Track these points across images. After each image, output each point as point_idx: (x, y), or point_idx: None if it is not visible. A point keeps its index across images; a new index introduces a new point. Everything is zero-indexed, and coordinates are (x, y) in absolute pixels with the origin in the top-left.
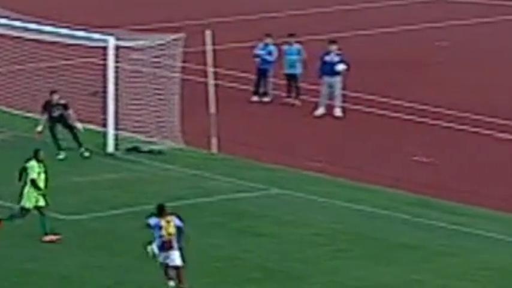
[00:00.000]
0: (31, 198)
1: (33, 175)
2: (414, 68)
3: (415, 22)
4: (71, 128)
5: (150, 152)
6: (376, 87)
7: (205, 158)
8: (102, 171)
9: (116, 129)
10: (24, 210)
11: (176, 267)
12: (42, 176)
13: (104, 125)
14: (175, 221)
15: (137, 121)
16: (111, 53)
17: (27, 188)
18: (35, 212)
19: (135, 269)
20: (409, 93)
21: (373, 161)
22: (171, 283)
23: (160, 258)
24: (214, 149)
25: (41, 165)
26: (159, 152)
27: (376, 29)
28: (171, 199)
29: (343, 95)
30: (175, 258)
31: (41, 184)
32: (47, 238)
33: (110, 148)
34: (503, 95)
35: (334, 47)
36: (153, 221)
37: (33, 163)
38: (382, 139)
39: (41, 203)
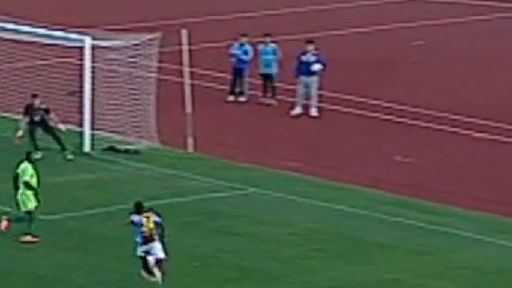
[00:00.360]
0: (31, 199)
1: (25, 177)
2: (390, 68)
3: (389, 22)
4: (53, 132)
5: (127, 151)
6: (353, 87)
7: (182, 157)
8: (79, 171)
9: (92, 129)
10: (28, 213)
11: (159, 260)
12: (35, 177)
13: (81, 125)
14: (153, 217)
15: (113, 121)
16: (87, 53)
17: (22, 191)
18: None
19: (111, 268)
20: (386, 93)
21: (351, 161)
22: (151, 278)
23: (142, 252)
24: (190, 149)
25: (34, 166)
26: (135, 152)
27: (351, 29)
28: (147, 199)
29: (320, 95)
30: (157, 251)
31: (34, 185)
32: (26, 238)
33: (87, 148)
34: (480, 94)
35: (310, 47)
36: (135, 218)
37: (26, 165)
38: (360, 139)
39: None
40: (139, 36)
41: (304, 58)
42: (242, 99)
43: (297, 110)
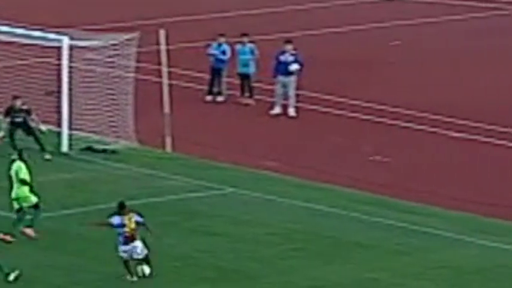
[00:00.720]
0: (29, 194)
1: (22, 175)
2: (367, 68)
3: (366, 22)
4: (34, 133)
5: (104, 151)
6: (331, 87)
7: (159, 157)
8: (57, 171)
9: (70, 129)
10: (20, 210)
11: (143, 259)
12: (28, 176)
13: (59, 125)
14: (135, 217)
15: (91, 121)
16: (65, 52)
17: (18, 189)
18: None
19: (88, 268)
20: (364, 93)
21: (330, 161)
22: (133, 278)
23: (124, 254)
24: (168, 149)
25: (26, 165)
26: (113, 152)
27: (328, 28)
28: (125, 199)
29: (298, 95)
30: (139, 251)
31: (30, 182)
32: (27, 230)
33: (64, 148)
34: (458, 94)
35: (289, 47)
36: (115, 220)
37: (19, 164)
38: (338, 139)
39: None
40: (117, 36)
41: (282, 58)
42: (220, 99)
43: (276, 110)
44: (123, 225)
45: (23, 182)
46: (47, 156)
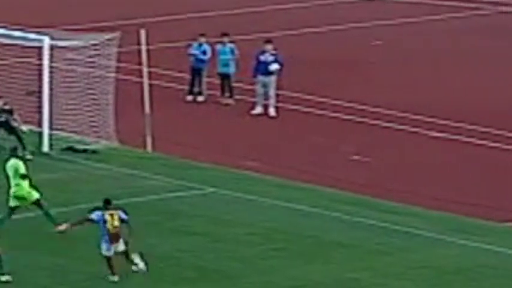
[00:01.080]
0: (31, 192)
1: (22, 170)
2: (348, 68)
3: (345, 22)
4: (16, 133)
5: (85, 151)
6: (312, 87)
7: (140, 157)
8: (38, 171)
9: (51, 128)
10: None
11: (123, 252)
12: (26, 170)
13: (39, 125)
14: (120, 214)
15: (72, 121)
16: (46, 52)
17: (19, 185)
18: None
19: (72, 268)
20: (345, 93)
21: (311, 161)
22: (115, 278)
23: (108, 252)
24: (149, 149)
25: (24, 161)
26: (94, 152)
27: (308, 28)
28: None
29: (278, 95)
30: (120, 245)
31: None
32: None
33: (45, 148)
34: (438, 94)
35: (269, 47)
36: (95, 215)
37: (16, 161)
38: (319, 139)
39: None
40: (97, 36)
41: (262, 58)
42: (200, 99)
43: (258, 110)
44: (104, 221)
45: (23, 176)
46: (28, 156)
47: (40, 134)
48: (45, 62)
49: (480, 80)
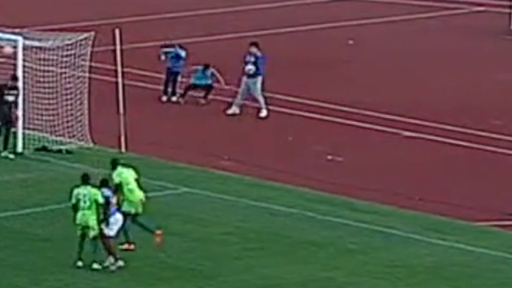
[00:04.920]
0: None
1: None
2: (322, 68)
3: (321, 22)
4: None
5: (59, 151)
6: (286, 87)
7: (114, 157)
8: (12, 171)
9: (25, 128)
10: None
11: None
12: None
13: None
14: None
15: (46, 120)
16: (20, 53)
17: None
18: None
19: (50, 268)
20: (319, 93)
21: (284, 160)
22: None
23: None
24: (123, 149)
25: None
26: (68, 152)
27: (282, 28)
28: None
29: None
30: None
31: None
32: None
33: (19, 148)
34: (413, 94)
35: (253, 49)
36: (108, 191)
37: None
38: (292, 138)
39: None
40: (72, 36)
41: (246, 59)
42: (174, 98)
43: (232, 110)
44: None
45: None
46: (10, 156)
47: (14, 134)
48: (20, 62)
49: (456, 80)
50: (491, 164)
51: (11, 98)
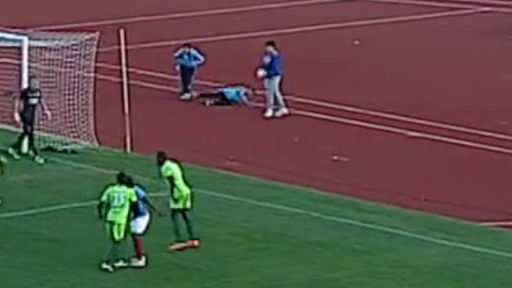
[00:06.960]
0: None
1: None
2: (327, 68)
3: (326, 22)
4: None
5: (65, 151)
6: (291, 87)
7: (120, 157)
8: (17, 171)
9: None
10: None
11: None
12: None
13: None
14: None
15: (51, 121)
16: (25, 53)
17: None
18: None
19: (55, 269)
20: (324, 93)
21: (290, 160)
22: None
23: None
24: (128, 149)
25: None
26: (73, 152)
27: (289, 29)
28: (86, 199)
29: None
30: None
31: None
32: None
33: (25, 148)
34: (419, 94)
35: (269, 48)
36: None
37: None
38: (300, 138)
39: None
40: (77, 36)
41: (263, 59)
42: (188, 96)
43: (270, 113)
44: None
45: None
46: (16, 156)
47: (31, 135)
48: (25, 62)
49: (461, 80)
50: (496, 164)
51: (34, 101)
